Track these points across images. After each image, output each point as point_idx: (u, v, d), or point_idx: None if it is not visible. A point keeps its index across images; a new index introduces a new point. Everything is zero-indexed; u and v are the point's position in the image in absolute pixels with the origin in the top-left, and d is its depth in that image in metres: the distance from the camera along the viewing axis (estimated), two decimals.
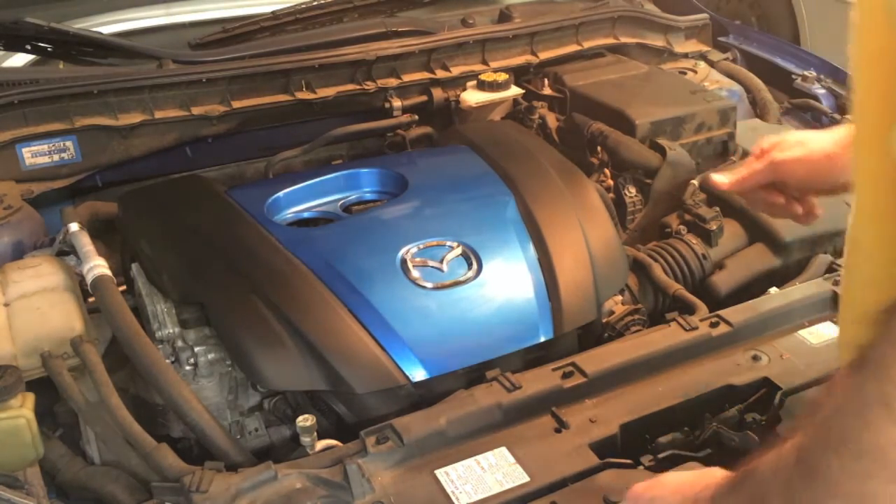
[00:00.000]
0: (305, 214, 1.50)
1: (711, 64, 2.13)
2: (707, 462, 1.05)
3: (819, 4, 3.79)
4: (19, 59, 1.91)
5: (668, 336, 1.25)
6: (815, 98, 2.00)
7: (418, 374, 1.18)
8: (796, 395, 1.14)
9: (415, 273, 1.28)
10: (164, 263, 1.33)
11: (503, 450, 1.06)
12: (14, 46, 1.86)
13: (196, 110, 1.70)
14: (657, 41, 2.14)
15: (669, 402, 1.15)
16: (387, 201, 1.50)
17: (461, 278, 1.29)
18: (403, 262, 1.29)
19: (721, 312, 1.29)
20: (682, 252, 1.52)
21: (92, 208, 1.52)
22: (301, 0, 2.00)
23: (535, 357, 1.26)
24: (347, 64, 1.81)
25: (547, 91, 1.94)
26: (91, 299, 1.29)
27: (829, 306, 1.31)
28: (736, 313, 1.29)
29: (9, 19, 1.73)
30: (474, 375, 1.20)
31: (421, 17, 2.09)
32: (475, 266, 1.30)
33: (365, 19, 2.02)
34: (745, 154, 1.68)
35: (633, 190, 1.65)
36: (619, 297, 1.44)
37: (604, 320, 1.38)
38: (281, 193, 1.49)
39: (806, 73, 2.05)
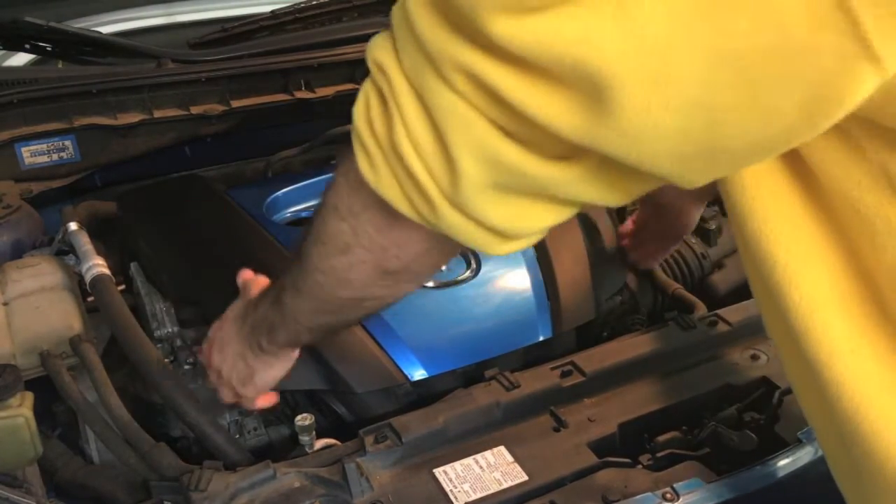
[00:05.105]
0: (304, 214, 1.50)
1: None
2: (706, 461, 1.05)
3: None
4: (19, 59, 1.91)
5: (666, 335, 1.25)
6: None
7: (417, 373, 1.18)
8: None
9: None
10: (162, 263, 1.33)
11: (502, 449, 1.06)
12: (13, 46, 1.86)
13: (195, 110, 1.70)
14: None
15: (668, 401, 1.15)
16: None
17: (460, 277, 1.29)
18: None
19: (720, 311, 1.29)
20: (681, 251, 1.52)
21: (91, 208, 1.52)
22: None
23: (533, 356, 1.26)
24: (347, 63, 1.80)
25: None
26: (90, 298, 1.29)
27: None
28: (735, 312, 1.28)
29: (8, 19, 1.73)
30: (473, 374, 1.20)
31: None
32: (474, 265, 1.30)
33: (364, 19, 2.02)
34: None
35: None
36: (618, 297, 1.44)
37: (602, 319, 1.38)
38: (280, 193, 1.49)
39: None
